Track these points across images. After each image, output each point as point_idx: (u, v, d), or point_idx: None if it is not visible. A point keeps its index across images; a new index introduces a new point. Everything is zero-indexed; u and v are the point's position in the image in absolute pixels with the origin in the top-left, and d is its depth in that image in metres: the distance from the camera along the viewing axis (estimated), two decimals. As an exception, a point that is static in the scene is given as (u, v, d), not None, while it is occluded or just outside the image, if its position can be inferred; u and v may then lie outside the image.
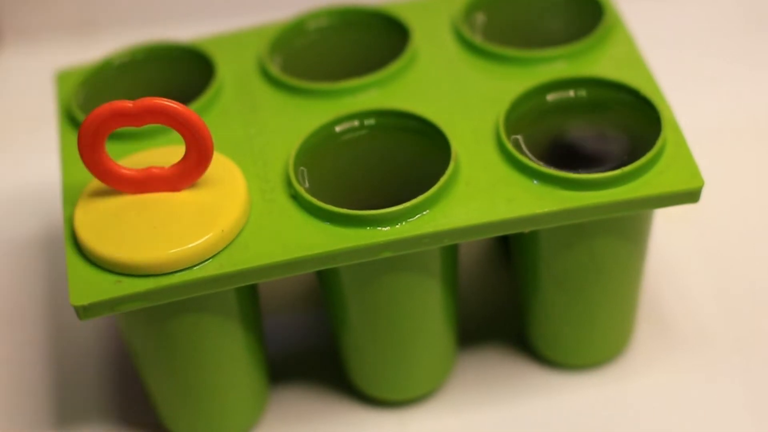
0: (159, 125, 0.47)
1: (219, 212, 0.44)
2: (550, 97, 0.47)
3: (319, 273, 0.47)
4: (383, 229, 0.44)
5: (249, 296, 0.47)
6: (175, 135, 0.47)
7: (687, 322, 0.53)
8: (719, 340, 0.52)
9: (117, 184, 0.45)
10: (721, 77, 0.64)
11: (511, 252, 0.50)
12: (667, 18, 0.68)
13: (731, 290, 0.54)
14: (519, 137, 0.46)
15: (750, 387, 0.50)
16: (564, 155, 0.46)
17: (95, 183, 0.45)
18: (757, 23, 0.68)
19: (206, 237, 0.43)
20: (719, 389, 0.50)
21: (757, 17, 0.68)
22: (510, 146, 0.45)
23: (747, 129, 0.61)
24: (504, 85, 0.48)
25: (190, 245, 0.43)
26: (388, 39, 0.51)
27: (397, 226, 0.44)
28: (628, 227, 0.46)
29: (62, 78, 0.52)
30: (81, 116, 0.49)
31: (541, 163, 0.45)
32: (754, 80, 0.64)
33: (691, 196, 0.44)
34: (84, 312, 0.43)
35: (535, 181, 0.44)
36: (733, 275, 0.54)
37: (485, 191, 0.44)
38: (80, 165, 0.46)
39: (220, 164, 0.45)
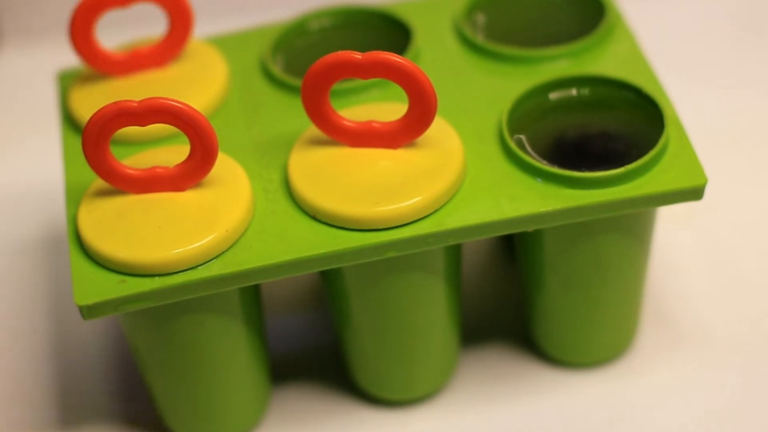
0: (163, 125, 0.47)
1: (223, 212, 0.44)
2: (553, 95, 0.47)
3: (322, 273, 0.47)
4: (387, 229, 0.44)
5: (252, 296, 0.47)
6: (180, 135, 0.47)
7: (690, 320, 0.53)
8: (721, 338, 0.52)
9: (121, 183, 0.45)
10: (724, 76, 0.64)
11: (515, 251, 0.50)
12: (669, 16, 0.68)
13: (733, 289, 0.54)
14: (522, 136, 0.46)
15: (751, 385, 0.50)
16: (567, 154, 0.46)
17: (99, 183, 0.45)
18: (760, 21, 0.68)
19: (210, 237, 0.43)
20: (721, 387, 0.50)
21: (759, 15, 0.68)
22: (513, 145, 0.45)
23: (749, 128, 0.61)
24: (506, 84, 0.48)
25: (195, 245, 0.43)
26: (390, 39, 0.51)
27: (401, 226, 0.44)
28: (632, 225, 0.46)
29: (63, 78, 0.52)
30: (82, 117, 0.49)
31: (544, 161, 0.45)
32: (757, 79, 0.64)
33: (695, 193, 0.44)
34: (88, 312, 0.43)
35: (538, 180, 0.44)
36: (735, 275, 0.54)
37: (489, 190, 0.44)
38: (83, 164, 0.46)
39: (224, 164, 0.45)
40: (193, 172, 0.44)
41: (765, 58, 0.65)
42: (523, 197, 0.44)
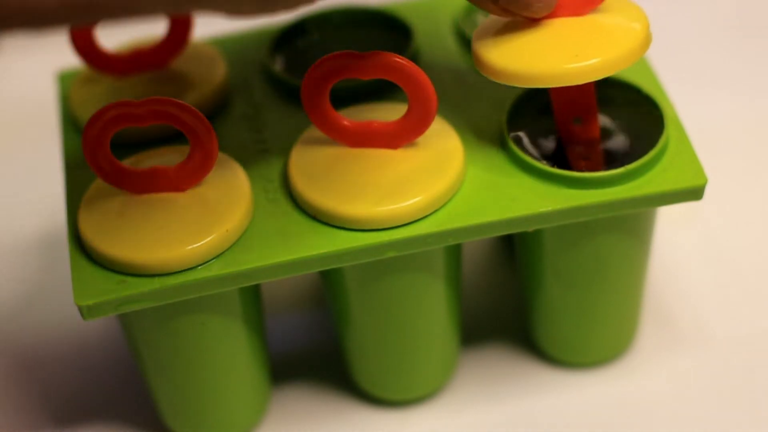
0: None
1: (223, 212, 0.44)
2: (553, 95, 0.47)
3: (322, 272, 0.47)
4: (387, 229, 0.44)
5: (252, 296, 0.47)
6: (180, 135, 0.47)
7: (690, 320, 0.53)
8: (721, 338, 0.52)
9: (121, 184, 0.44)
10: (724, 76, 0.64)
11: (515, 250, 0.50)
12: (669, 16, 0.68)
13: (733, 289, 0.54)
14: (522, 136, 0.46)
15: (751, 385, 0.50)
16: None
17: (99, 183, 0.45)
18: (760, 22, 0.68)
19: (210, 237, 0.43)
20: (721, 387, 0.50)
21: (759, 16, 0.68)
22: (513, 145, 0.45)
23: (749, 128, 0.61)
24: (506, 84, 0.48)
25: (195, 245, 0.43)
26: (390, 39, 0.51)
27: (401, 226, 0.44)
28: (632, 225, 0.46)
29: (63, 78, 0.52)
30: (82, 117, 0.49)
31: (544, 161, 0.45)
32: (757, 79, 0.64)
33: (695, 193, 0.44)
34: (88, 312, 0.43)
35: (538, 180, 0.44)
36: (735, 275, 0.54)
37: (489, 190, 0.44)
38: (83, 164, 0.46)
39: (224, 164, 0.45)
40: (193, 172, 0.44)
41: (765, 58, 0.65)
42: (523, 197, 0.44)
